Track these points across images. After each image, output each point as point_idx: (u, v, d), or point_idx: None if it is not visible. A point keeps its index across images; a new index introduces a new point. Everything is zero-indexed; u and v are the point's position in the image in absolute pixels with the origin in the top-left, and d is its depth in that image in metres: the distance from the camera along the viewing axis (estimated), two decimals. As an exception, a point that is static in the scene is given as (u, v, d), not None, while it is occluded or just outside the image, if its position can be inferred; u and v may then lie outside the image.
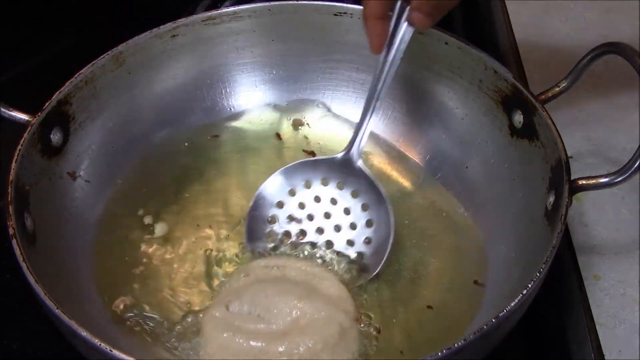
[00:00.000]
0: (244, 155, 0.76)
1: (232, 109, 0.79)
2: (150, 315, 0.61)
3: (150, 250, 0.67)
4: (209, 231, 0.69)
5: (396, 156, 0.75)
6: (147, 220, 0.69)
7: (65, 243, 0.63)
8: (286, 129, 0.78)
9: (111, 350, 0.47)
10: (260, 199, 0.67)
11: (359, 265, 0.65)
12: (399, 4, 0.62)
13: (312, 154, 0.75)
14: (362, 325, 0.60)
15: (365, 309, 0.62)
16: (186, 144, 0.76)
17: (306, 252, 0.65)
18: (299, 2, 0.76)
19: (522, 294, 0.51)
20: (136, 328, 0.60)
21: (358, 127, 0.66)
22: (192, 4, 0.97)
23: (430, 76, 0.74)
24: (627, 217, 0.66)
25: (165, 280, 0.64)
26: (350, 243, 0.66)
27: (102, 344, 0.48)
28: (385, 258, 0.64)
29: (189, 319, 0.60)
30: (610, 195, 0.67)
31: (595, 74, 0.67)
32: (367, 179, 0.66)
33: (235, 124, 0.79)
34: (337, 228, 0.67)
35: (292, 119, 0.79)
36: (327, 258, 0.65)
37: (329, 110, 0.79)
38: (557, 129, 0.61)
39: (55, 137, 0.65)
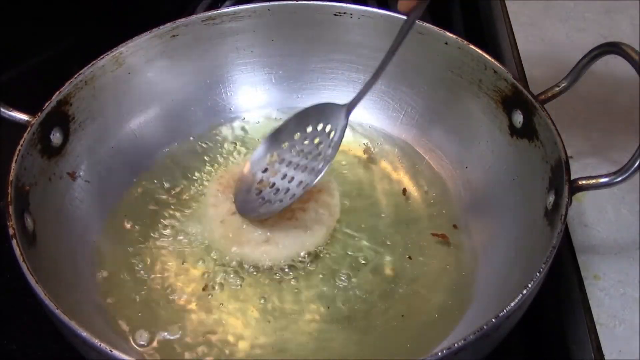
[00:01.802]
0: (244, 155, 0.76)
1: (232, 109, 0.79)
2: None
3: (151, 250, 0.67)
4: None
5: (395, 155, 0.75)
6: (148, 220, 0.69)
7: (65, 243, 0.63)
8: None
9: (111, 351, 0.48)
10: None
11: None
12: None
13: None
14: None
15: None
16: (186, 144, 0.76)
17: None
18: (299, 2, 0.76)
19: (522, 294, 0.51)
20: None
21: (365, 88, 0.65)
22: (192, 4, 0.97)
23: (430, 76, 0.74)
24: (627, 217, 0.66)
25: (168, 280, 0.64)
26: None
27: (102, 344, 0.48)
28: None
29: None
30: (610, 195, 0.67)
31: (595, 74, 0.67)
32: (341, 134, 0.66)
33: (235, 124, 0.79)
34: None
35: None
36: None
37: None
38: (557, 129, 0.61)
39: (55, 137, 0.65)
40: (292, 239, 0.66)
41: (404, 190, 0.72)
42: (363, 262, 0.66)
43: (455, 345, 0.48)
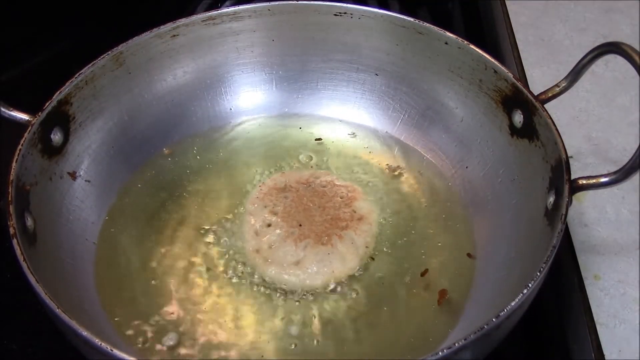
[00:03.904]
0: (244, 155, 0.76)
1: (232, 109, 0.79)
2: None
3: (151, 250, 0.67)
4: (210, 228, 0.69)
5: (396, 155, 0.75)
6: (148, 219, 0.69)
7: (65, 243, 0.63)
8: (285, 129, 0.78)
9: (111, 350, 0.48)
10: None
11: None
12: None
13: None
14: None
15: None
16: (186, 143, 0.76)
17: None
18: (299, 2, 0.76)
19: (522, 293, 0.51)
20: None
21: None
22: (192, 4, 0.97)
23: (430, 76, 0.74)
24: (627, 217, 0.66)
25: (167, 279, 0.64)
26: None
27: (102, 344, 0.48)
28: None
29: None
30: (610, 195, 0.67)
31: (595, 74, 0.67)
32: None
33: (235, 123, 0.79)
34: None
35: (291, 120, 0.79)
36: None
37: (328, 110, 0.79)
38: (557, 129, 0.61)
39: (56, 137, 0.65)
40: (324, 266, 0.64)
41: None
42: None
43: (455, 345, 0.48)
